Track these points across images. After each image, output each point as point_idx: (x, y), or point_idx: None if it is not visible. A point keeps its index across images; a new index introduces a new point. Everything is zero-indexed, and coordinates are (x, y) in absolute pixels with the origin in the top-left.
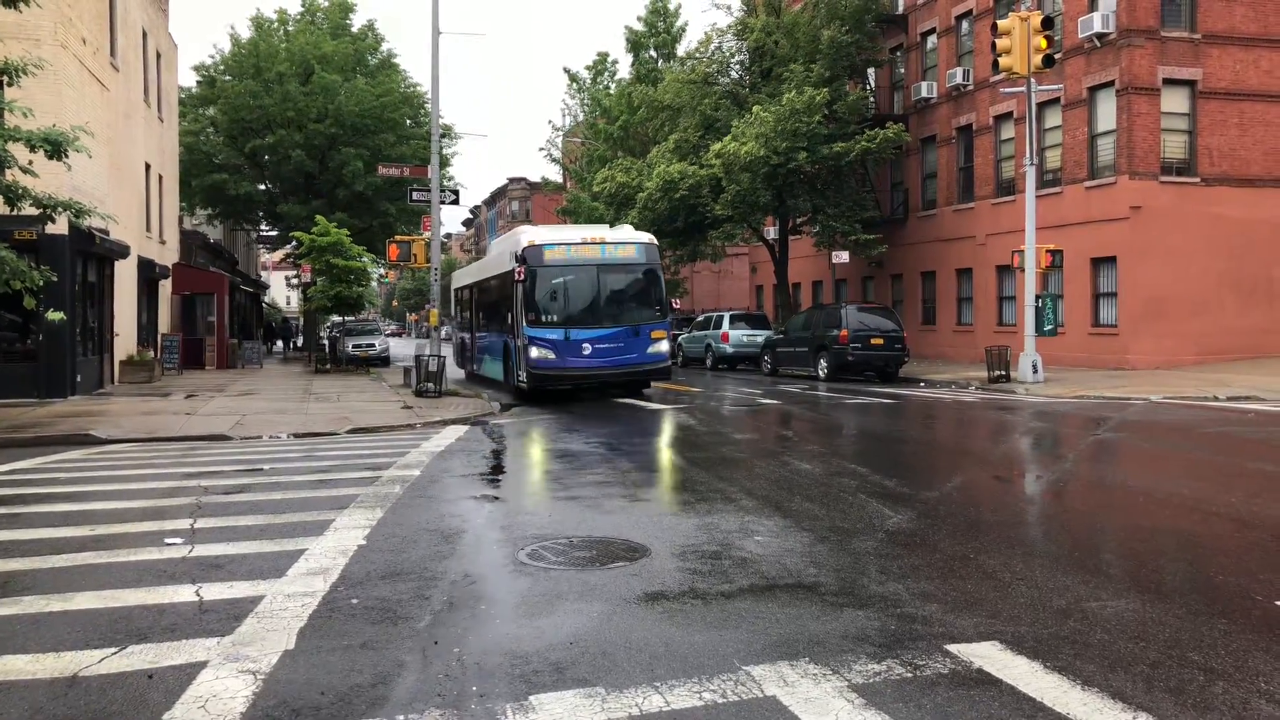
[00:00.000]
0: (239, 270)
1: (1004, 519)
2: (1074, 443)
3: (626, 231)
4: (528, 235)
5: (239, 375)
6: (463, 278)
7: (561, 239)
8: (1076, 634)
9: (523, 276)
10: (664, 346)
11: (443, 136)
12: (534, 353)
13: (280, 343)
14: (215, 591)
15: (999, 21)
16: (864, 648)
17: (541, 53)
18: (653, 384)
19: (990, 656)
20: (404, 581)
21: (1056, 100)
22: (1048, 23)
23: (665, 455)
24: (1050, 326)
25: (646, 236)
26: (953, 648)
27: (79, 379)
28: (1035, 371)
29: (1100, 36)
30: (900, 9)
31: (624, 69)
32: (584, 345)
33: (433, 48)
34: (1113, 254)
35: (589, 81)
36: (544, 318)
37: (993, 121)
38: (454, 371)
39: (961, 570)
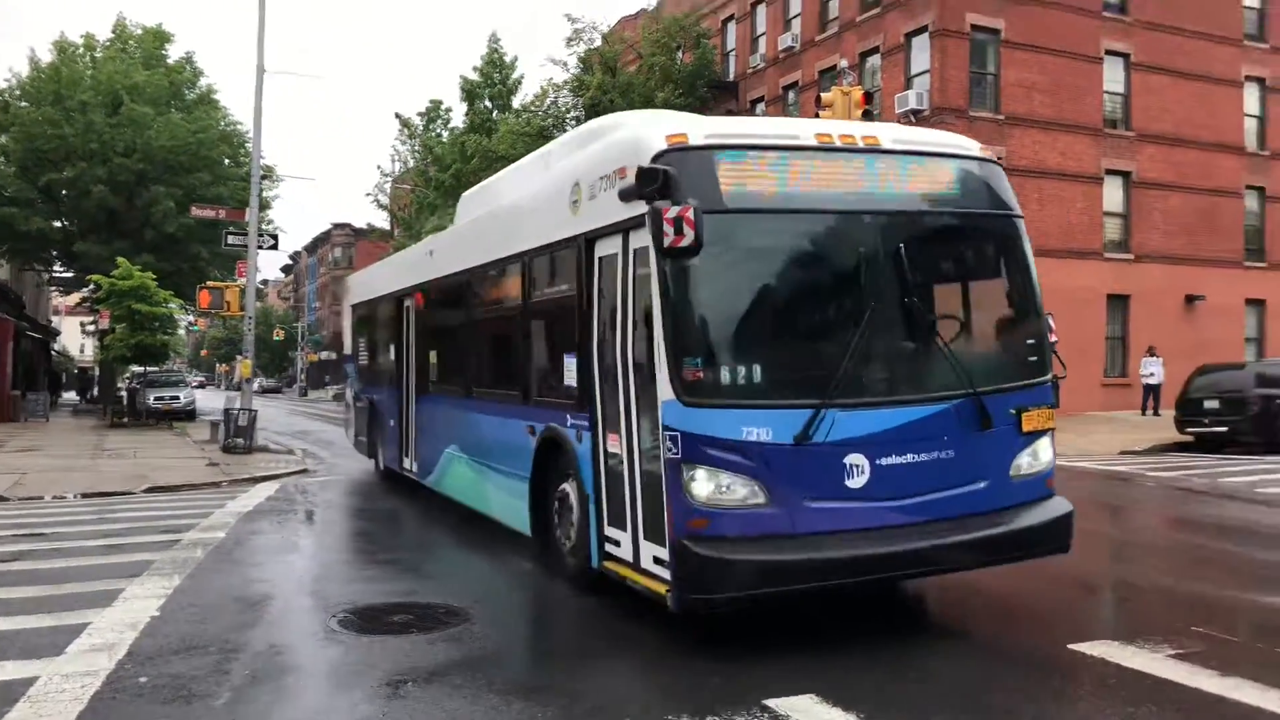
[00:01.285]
0: (26, 314)
1: None
2: None
3: (922, 132)
4: (667, 123)
5: (22, 429)
6: (382, 278)
7: (770, 133)
8: (887, 682)
9: (688, 239)
10: (1046, 455)
11: (264, 178)
12: (702, 485)
13: (76, 394)
14: None
15: (823, 94)
16: (685, 706)
17: (373, 97)
18: None
19: (807, 709)
20: (202, 655)
21: None
22: (868, 97)
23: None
24: None
25: (975, 144)
26: (771, 702)
27: None
28: None
29: (915, 113)
30: (731, 76)
31: (458, 117)
32: (849, 457)
33: (257, 85)
34: None
35: (421, 128)
36: (737, 373)
37: None
38: (347, 459)
39: (780, 623)
